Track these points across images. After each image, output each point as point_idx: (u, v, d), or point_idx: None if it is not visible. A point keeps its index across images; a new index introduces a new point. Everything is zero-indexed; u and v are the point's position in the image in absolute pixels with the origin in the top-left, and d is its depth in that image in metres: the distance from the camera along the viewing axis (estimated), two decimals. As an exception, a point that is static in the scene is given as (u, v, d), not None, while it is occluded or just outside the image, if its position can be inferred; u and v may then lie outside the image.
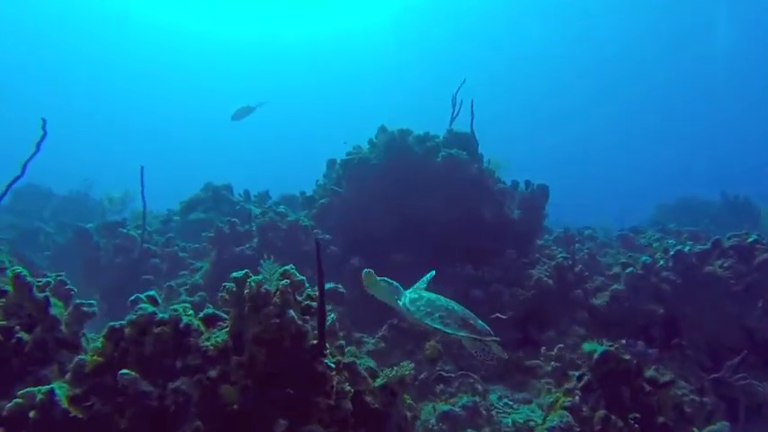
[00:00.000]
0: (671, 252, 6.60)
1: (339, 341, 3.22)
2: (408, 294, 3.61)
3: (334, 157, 8.24)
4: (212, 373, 2.64)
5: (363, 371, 3.05)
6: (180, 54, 48.04)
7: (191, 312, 2.85)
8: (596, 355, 4.31)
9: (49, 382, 2.80)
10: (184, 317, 2.77)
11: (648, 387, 4.28)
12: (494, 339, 3.43)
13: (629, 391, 4.23)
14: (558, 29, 43.95)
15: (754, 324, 6.15)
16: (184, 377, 2.61)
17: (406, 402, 3.29)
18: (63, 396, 2.56)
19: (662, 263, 6.60)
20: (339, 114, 46.65)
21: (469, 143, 7.48)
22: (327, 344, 2.90)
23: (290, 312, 2.66)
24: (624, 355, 4.31)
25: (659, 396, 4.30)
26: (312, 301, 2.86)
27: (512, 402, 4.69)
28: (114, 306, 6.69)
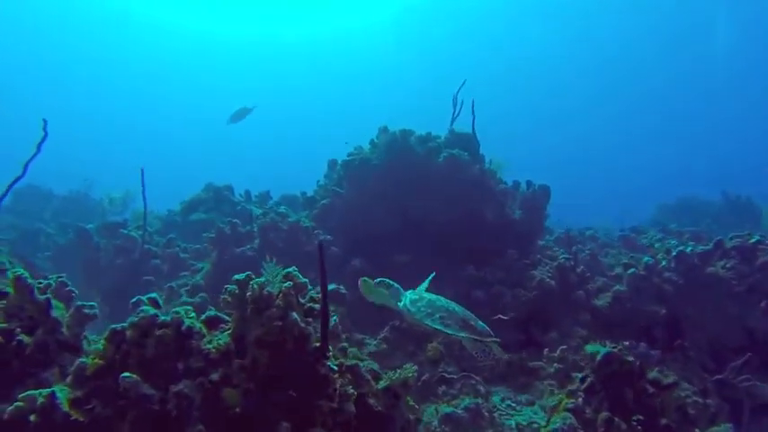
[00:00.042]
0: (673, 253, 6.58)
1: (342, 343, 3.20)
2: (409, 295, 3.60)
3: (334, 157, 8.22)
4: (214, 376, 2.62)
5: (366, 373, 3.03)
6: (180, 54, 48.03)
7: (192, 315, 2.83)
8: (599, 356, 4.29)
9: (50, 384, 2.79)
10: (186, 319, 2.75)
11: (652, 389, 4.26)
12: (494, 340, 3.42)
13: (632, 393, 4.22)
14: (558, 29, 43.96)
15: (756, 325, 6.13)
16: (186, 380, 2.59)
17: (409, 404, 3.27)
18: (64, 399, 2.54)
19: (664, 263, 6.57)
20: (339, 114, 46.66)
21: (471, 144, 7.46)
22: (330, 346, 2.88)
23: (292, 315, 2.65)
24: (627, 357, 4.29)
25: (662, 398, 4.28)
26: (315, 304, 2.85)
27: (514, 404, 4.66)
28: (115, 307, 6.68)
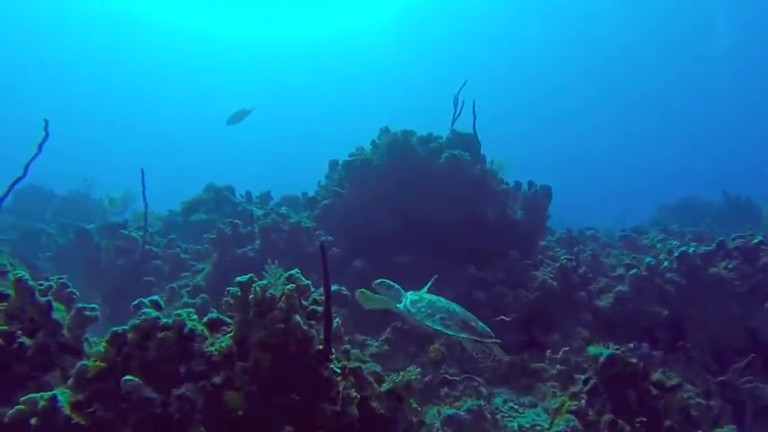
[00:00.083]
0: (675, 253, 6.55)
1: (344, 345, 3.19)
2: (409, 296, 3.60)
3: (334, 157, 8.20)
4: (216, 379, 2.61)
5: (369, 375, 3.02)
6: (180, 54, 47.99)
7: (194, 317, 2.81)
8: (602, 358, 4.27)
9: (51, 387, 2.77)
10: (188, 322, 2.74)
11: (655, 391, 4.24)
12: (494, 341, 3.41)
13: (635, 395, 4.20)
14: (558, 29, 43.95)
15: (759, 325, 6.11)
16: (188, 383, 2.57)
17: (411, 406, 3.25)
18: (65, 402, 2.52)
19: (666, 264, 6.55)
20: (339, 114, 46.70)
21: (472, 144, 7.44)
22: (333, 348, 2.86)
23: (295, 317, 2.63)
24: (630, 359, 4.27)
25: (666, 400, 4.27)
26: (318, 306, 2.83)
27: (517, 406, 4.64)
28: (116, 308, 6.67)
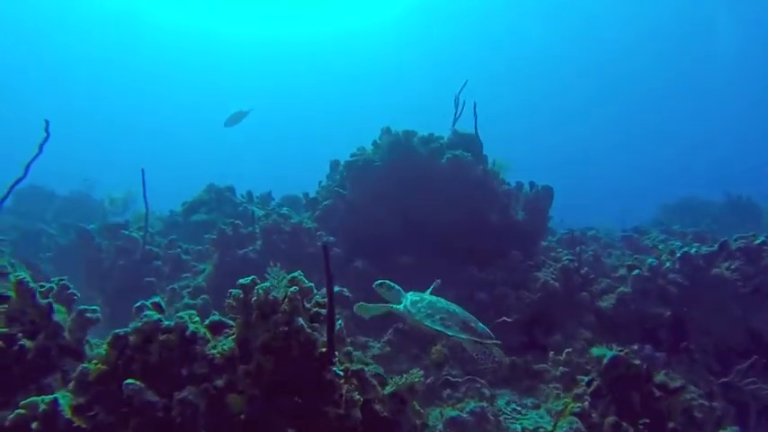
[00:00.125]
0: (677, 254, 6.53)
1: (347, 348, 3.17)
2: (410, 296, 3.60)
3: (334, 157, 8.19)
4: (219, 383, 2.58)
5: (372, 378, 3.00)
6: (180, 53, 47.90)
7: (196, 320, 2.79)
8: (606, 360, 4.26)
9: (52, 390, 2.75)
10: (190, 324, 2.71)
11: (659, 392, 4.23)
12: (494, 342, 3.39)
13: (639, 397, 4.18)
14: (558, 29, 43.89)
15: (761, 326, 6.09)
16: (191, 386, 2.55)
17: (414, 409, 3.23)
18: (66, 406, 2.50)
19: (668, 265, 6.52)
20: (340, 114, 46.66)
21: (474, 144, 7.42)
22: (335, 351, 2.84)
23: (298, 320, 2.61)
24: (634, 361, 4.26)
25: (669, 401, 4.25)
26: (321, 308, 2.81)
27: (520, 408, 4.62)
28: (117, 308, 6.65)
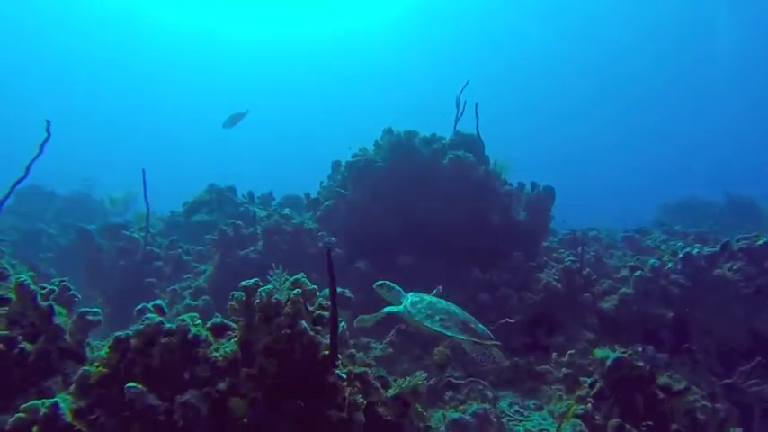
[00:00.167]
0: (680, 255, 6.52)
1: (350, 350, 3.15)
2: (410, 297, 3.59)
3: (334, 157, 8.18)
4: (221, 386, 2.56)
5: (375, 381, 2.98)
6: (180, 53, 47.89)
7: (198, 322, 2.77)
8: (609, 361, 4.24)
9: (52, 394, 2.73)
10: (192, 327, 2.69)
11: (662, 394, 4.20)
12: (494, 343, 3.37)
13: (642, 399, 4.16)
14: (558, 29, 43.88)
15: (763, 327, 6.08)
16: (193, 390, 2.53)
17: (417, 411, 3.21)
18: (67, 409, 2.48)
19: (670, 266, 6.51)
20: (341, 114, 46.66)
21: (475, 145, 7.40)
22: (338, 353, 2.82)
23: (301, 323, 2.58)
24: (637, 362, 4.23)
25: (672, 403, 4.23)
26: (324, 311, 2.79)
27: (522, 409, 4.60)
28: (118, 309, 6.63)
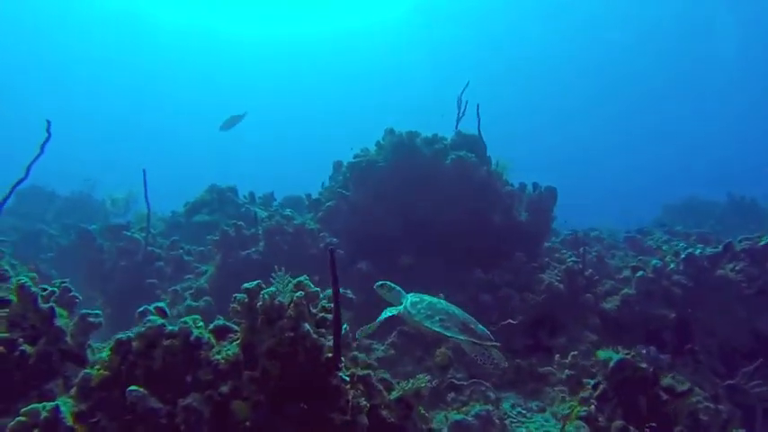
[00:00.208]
0: (682, 255, 6.49)
1: (353, 352, 3.13)
2: (410, 297, 3.58)
3: (335, 157, 8.16)
4: (224, 389, 2.54)
5: (378, 383, 2.96)
6: (181, 53, 47.84)
7: (200, 324, 2.75)
8: (612, 363, 4.22)
9: (53, 396, 2.71)
10: (194, 329, 2.68)
11: (665, 396, 4.19)
12: (494, 344, 3.36)
13: (645, 400, 4.14)
14: (558, 29, 43.85)
15: (765, 327, 6.06)
16: (195, 393, 2.51)
17: (420, 414, 3.20)
18: (68, 413, 2.46)
19: (673, 266, 6.48)
20: (341, 115, 46.64)
21: (477, 145, 7.37)
22: (342, 356, 2.80)
23: (304, 326, 2.57)
24: (641, 364, 4.22)
25: (675, 404, 4.21)
26: (326, 313, 2.77)
27: (525, 411, 4.58)
28: (119, 309, 6.62)
